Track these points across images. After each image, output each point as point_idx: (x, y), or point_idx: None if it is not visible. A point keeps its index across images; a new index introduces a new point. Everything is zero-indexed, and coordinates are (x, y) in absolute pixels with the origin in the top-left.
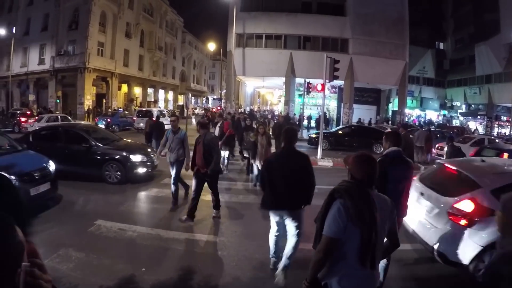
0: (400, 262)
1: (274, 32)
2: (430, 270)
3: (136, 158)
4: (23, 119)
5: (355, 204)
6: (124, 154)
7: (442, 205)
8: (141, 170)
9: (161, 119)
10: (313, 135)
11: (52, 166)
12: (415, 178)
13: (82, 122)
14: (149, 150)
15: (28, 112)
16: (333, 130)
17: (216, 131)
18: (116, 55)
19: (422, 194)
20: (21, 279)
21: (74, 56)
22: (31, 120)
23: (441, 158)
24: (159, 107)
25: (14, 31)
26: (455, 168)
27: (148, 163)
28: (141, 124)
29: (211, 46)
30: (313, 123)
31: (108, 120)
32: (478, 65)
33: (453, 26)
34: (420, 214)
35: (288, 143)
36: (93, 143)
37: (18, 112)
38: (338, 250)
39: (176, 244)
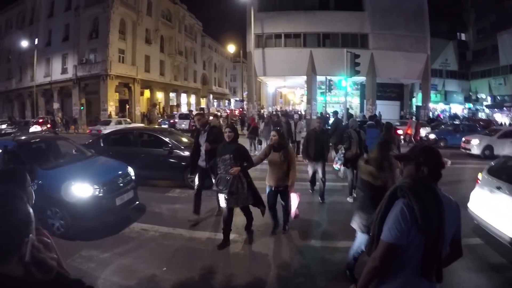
0: (471, 256)
1: (293, 31)
2: (505, 263)
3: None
4: (33, 126)
5: (421, 204)
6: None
7: None
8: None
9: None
10: None
11: (132, 172)
12: (484, 172)
13: (139, 125)
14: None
15: (41, 120)
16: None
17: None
18: (137, 61)
19: (498, 188)
20: (27, 249)
21: (96, 64)
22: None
23: (468, 150)
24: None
25: (36, 43)
26: None
27: None
28: (183, 125)
29: (231, 48)
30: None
31: (171, 121)
32: (501, 55)
33: (474, 16)
34: (497, 208)
35: (320, 128)
36: (175, 146)
37: (32, 120)
38: (397, 258)
39: (198, 243)
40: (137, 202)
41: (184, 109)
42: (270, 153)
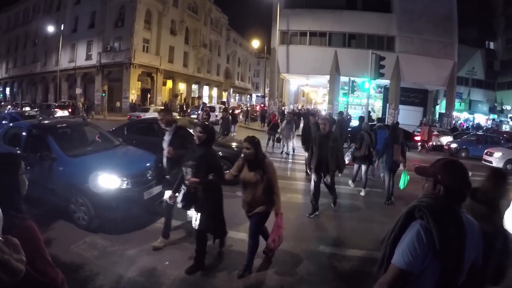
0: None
1: (319, 29)
2: None
3: None
4: (58, 111)
5: (441, 228)
6: (235, 151)
7: None
8: None
9: None
10: None
11: None
12: None
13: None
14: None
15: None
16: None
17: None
18: (161, 51)
19: None
20: None
21: (120, 52)
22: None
23: (490, 163)
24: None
25: (62, 28)
26: None
27: None
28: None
29: (255, 43)
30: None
31: (198, 112)
32: None
33: (504, 24)
34: None
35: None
36: None
37: (54, 104)
38: (407, 285)
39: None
40: (163, 198)
41: (206, 102)
42: (243, 169)
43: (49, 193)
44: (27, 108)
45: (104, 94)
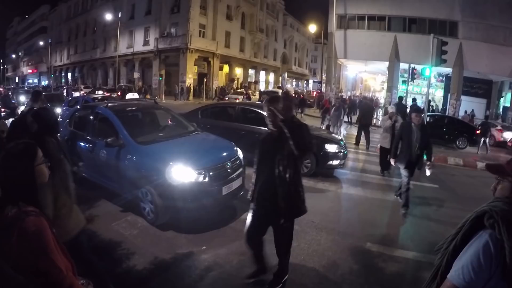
0: None
1: (377, 13)
2: None
3: (331, 147)
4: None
5: None
6: (317, 142)
7: None
8: (335, 162)
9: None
10: None
11: (241, 155)
12: None
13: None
14: (339, 138)
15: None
16: None
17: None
18: (217, 36)
19: None
20: None
21: (176, 37)
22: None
23: None
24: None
25: (120, 16)
26: None
27: (341, 154)
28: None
29: (312, 28)
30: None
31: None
32: None
33: None
34: None
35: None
36: None
37: (104, 87)
38: None
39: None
40: (242, 193)
41: (262, 86)
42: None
43: (113, 181)
44: (100, 92)
45: (161, 78)
